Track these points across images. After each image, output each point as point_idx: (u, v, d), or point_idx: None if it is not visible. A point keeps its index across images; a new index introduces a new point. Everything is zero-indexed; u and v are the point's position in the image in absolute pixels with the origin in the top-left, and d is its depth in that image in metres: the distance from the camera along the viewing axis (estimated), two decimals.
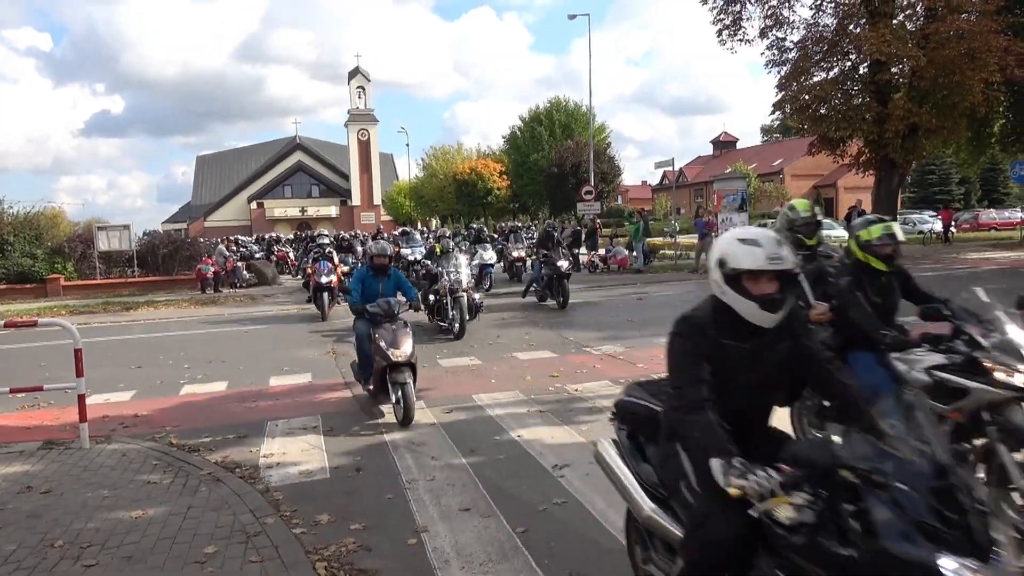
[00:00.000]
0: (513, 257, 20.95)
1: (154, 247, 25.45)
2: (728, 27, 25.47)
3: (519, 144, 55.37)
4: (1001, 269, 18.60)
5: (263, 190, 77.27)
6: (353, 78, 74.54)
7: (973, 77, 20.45)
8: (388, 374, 6.63)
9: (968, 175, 48.59)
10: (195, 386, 8.85)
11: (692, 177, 69.04)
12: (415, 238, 23.64)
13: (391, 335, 6.70)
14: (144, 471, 5.53)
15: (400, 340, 6.66)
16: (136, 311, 17.61)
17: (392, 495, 4.97)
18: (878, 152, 23.47)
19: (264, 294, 21.37)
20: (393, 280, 7.53)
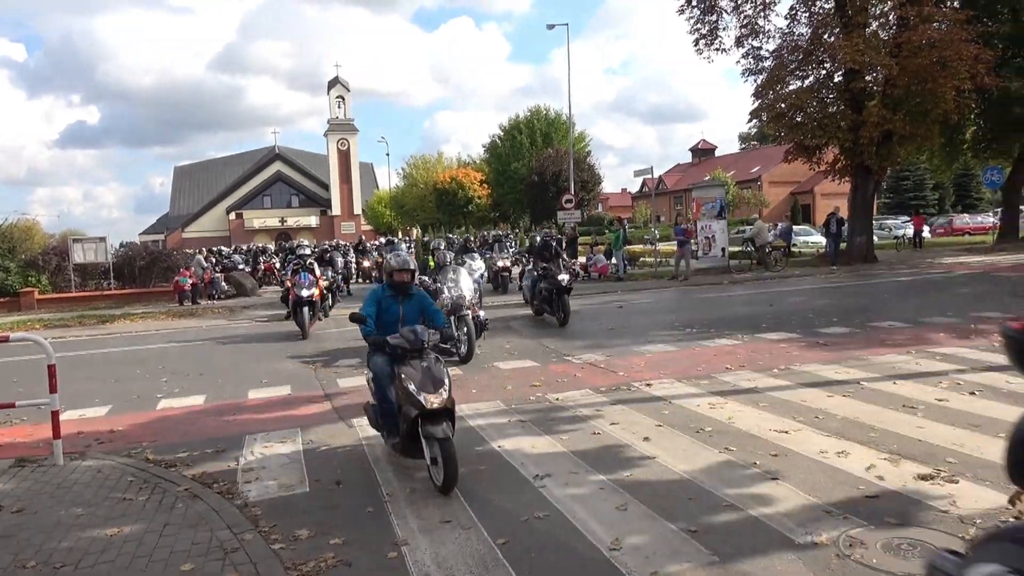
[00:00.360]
0: (499, 267, 20.38)
1: (131, 259, 25.17)
2: (705, 36, 25.71)
3: (499, 153, 55.53)
4: (974, 273, 18.89)
5: (242, 201, 76.82)
6: (333, 88, 74.47)
7: (945, 85, 20.79)
8: (421, 425, 5.17)
9: (942, 181, 49.34)
10: (172, 400, 8.75)
11: (672, 185, 69.51)
12: (400, 248, 23.09)
13: (421, 374, 5.27)
14: (119, 488, 5.45)
15: (434, 381, 5.24)
16: (112, 324, 17.38)
17: (372, 508, 4.94)
18: (853, 159, 23.77)
19: (243, 306, 21.19)
20: (417, 302, 6.06)
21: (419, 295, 6.11)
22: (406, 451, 5.48)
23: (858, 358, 8.95)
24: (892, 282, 18.23)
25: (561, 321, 13.08)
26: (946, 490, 4.67)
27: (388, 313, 5.84)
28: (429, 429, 5.07)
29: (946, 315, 11.86)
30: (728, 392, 7.64)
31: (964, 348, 9.20)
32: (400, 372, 5.34)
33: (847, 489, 4.78)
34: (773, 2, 25.18)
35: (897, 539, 4.02)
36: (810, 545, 4.00)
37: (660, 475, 5.27)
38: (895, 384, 7.57)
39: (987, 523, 4.14)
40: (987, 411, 6.37)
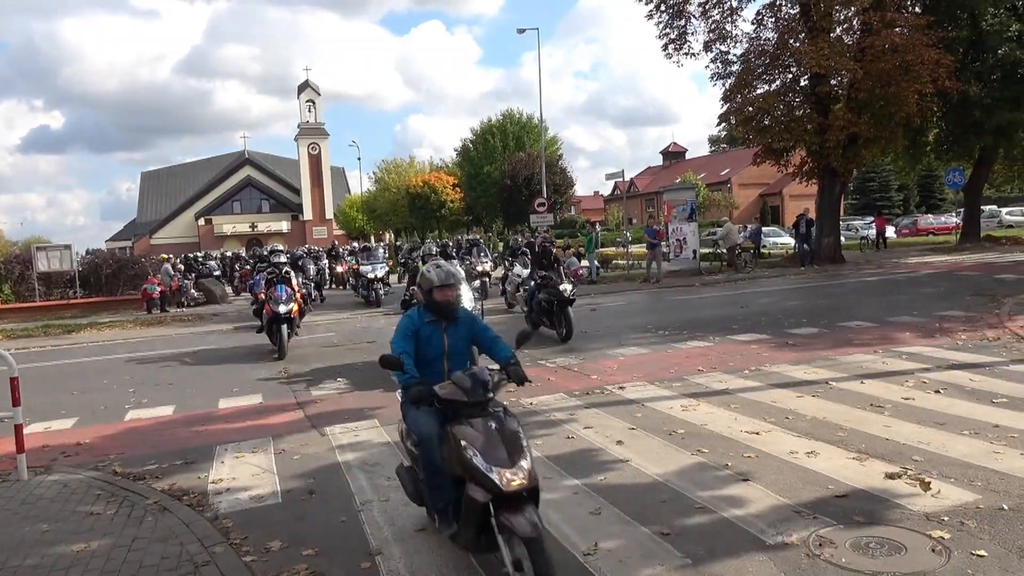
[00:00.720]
0: (478, 272, 19.63)
1: (97, 267, 24.71)
2: (674, 41, 25.98)
3: (472, 157, 55.51)
4: (938, 272, 19.28)
5: (211, 206, 75.88)
6: (303, 92, 73.91)
7: (908, 89, 21.22)
8: (495, 514, 3.47)
9: (906, 182, 50.32)
10: (140, 411, 8.61)
11: (643, 187, 70.04)
12: (377, 254, 21.77)
13: (487, 438, 3.60)
14: (86, 502, 5.35)
15: (510, 448, 3.57)
16: (78, 334, 17.05)
17: (345, 518, 4.90)
18: (820, 161, 24.15)
19: (213, 313, 20.92)
20: (466, 328, 4.38)
21: (467, 319, 4.47)
22: (473, 546, 3.76)
23: (826, 358, 9.09)
24: (859, 282, 18.54)
25: (563, 336, 11.59)
26: (912, 488, 4.76)
27: (429, 346, 4.24)
28: (508, 520, 3.38)
29: (911, 314, 12.09)
30: (700, 394, 7.71)
31: (929, 347, 9.39)
32: (456, 435, 3.64)
33: (816, 489, 4.85)
34: (740, 7, 25.57)
35: (865, 538, 4.08)
36: (781, 545, 4.05)
37: (634, 478, 5.31)
38: (862, 383, 7.71)
39: (952, 520, 4.23)
40: (951, 409, 6.51)
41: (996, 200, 46.02)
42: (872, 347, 9.59)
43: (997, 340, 9.60)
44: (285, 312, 11.68)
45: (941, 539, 4.00)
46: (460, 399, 3.77)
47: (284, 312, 11.67)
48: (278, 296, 11.77)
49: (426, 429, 3.91)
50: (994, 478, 4.84)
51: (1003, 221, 40.37)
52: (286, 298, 11.79)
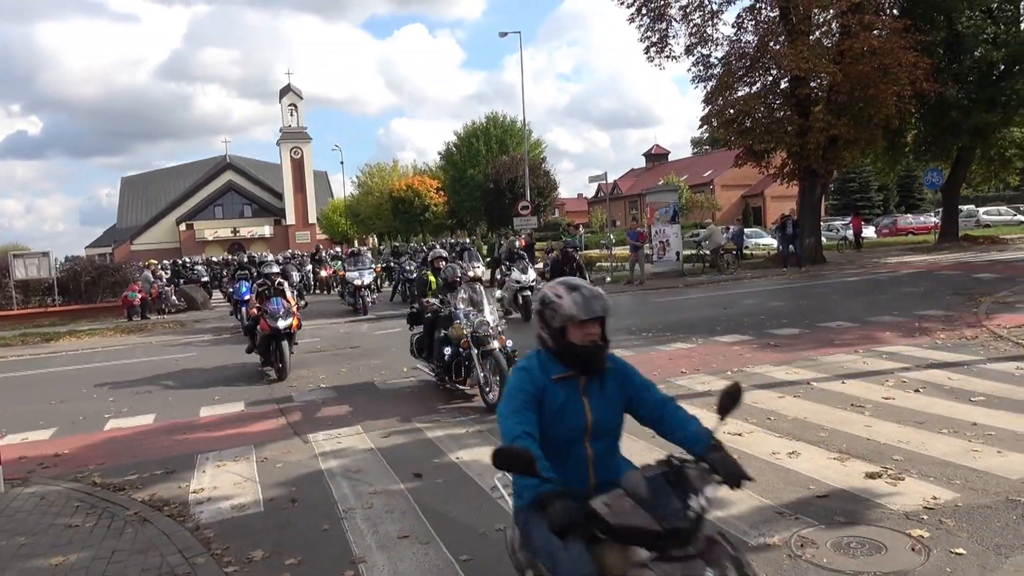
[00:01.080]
0: (470, 278, 19.23)
1: (76, 274, 24.38)
2: (655, 44, 26.09)
3: (455, 160, 55.51)
4: (918, 272, 19.50)
5: (192, 211, 75.34)
6: (285, 96, 73.56)
7: (886, 91, 21.47)
8: None
9: (886, 183, 50.82)
10: (121, 420, 8.51)
11: (626, 189, 70.30)
12: (364, 260, 20.86)
13: None
14: (65, 514, 5.28)
15: None
16: (57, 342, 16.85)
17: (328, 526, 4.87)
18: (801, 163, 24.35)
19: (194, 319, 20.74)
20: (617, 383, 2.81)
21: (620, 369, 2.82)
22: None
23: (808, 358, 9.17)
24: (840, 282, 18.71)
25: None
26: (892, 487, 4.80)
27: (564, 420, 2.64)
28: None
29: (892, 314, 12.21)
30: (683, 396, 7.74)
31: (909, 346, 9.49)
32: None
33: (798, 489, 4.88)
34: (720, 11, 25.72)
35: (847, 538, 4.12)
36: (763, 547, 4.08)
37: None
38: (844, 384, 7.77)
39: (931, 519, 4.27)
40: (931, 408, 6.58)
41: (974, 200, 46.61)
42: (853, 347, 9.67)
43: (975, 339, 9.72)
44: (285, 327, 10.29)
45: (921, 538, 4.03)
46: (646, 527, 2.15)
47: (284, 327, 10.28)
48: (275, 310, 10.33)
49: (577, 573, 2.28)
50: (972, 476, 4.89)
51: (981, 220, 40.91)
52: (284, 312, 10.38)
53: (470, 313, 8.04)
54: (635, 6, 25.66)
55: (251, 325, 11.25)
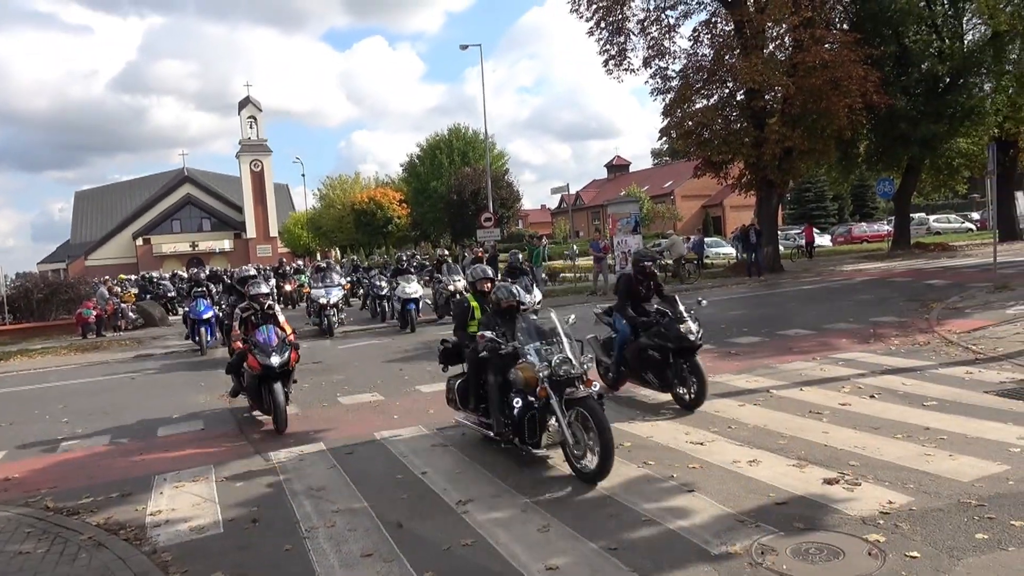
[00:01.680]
0: (451, 291, 17.01)
1: (28, 291, 23.71)
2: (614, 57, 26.44)
3: (419, 172, 55.39)
4: (872, 279, 19.98)
5: (149, 226, 73.84)
6: (244, 108, 72.64)
7: (838, 103, 22.04)
8: None
9: (840, 192, 52.07)
10: (74, 442, 8.28)
11: (589, 200, 70.84)
12: (332, 276, 18.73)
13: None
14: (16, 540, 5.12)
15: None
16: (7, 362, 16.33)
17: (290, 546, 4.80)
18: (758, 173, 24.84)
19: (152, 336, 20.30)
20: None
21: None
22: None
23: (767, 366, 9.33)
24: (797, 291, 19.08)
25: (692, 399, 7.47)
26: (849, 493, 4.91)
27: None
28: None
29: (847, 321, 12.49)
30: (646, 407, 7.81)
31: (864, 353, 9.71)
32: None
33: (758, 497, 4.96)
34: (677, 24, 26.18)
35: (805, 544, 4.19)
36: (725, 555, 4.13)
37: (581, 493, 5.34)
38: (802, 391, 7.92)
39: (887, 523, 4.37)
40: (885, 413, 6.74)
41: (924, 208, 47.98)
42: (811, 354, 9.87)
43: (927, 344, 9.99)
44: (281, 364, 8.01)
45: (877, 542, 4.12)
46: None
47: (279, 365, 7.99)
48: (267, 343, 8.08)
49: None
50: (925, 480, 5.02)
51: (931, 228, 42.13)
52: (278, 344, 8.13)
53: (541, 349, 5.94)
54: (594, 20, 26.01)
55: (236, 362, 8.88)
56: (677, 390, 7.60)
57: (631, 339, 8.00)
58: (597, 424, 5.41)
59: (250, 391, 8.44)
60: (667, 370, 7.55)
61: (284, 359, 8.04)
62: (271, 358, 7.95)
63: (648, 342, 7.72)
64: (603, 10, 25.76)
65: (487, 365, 6.39)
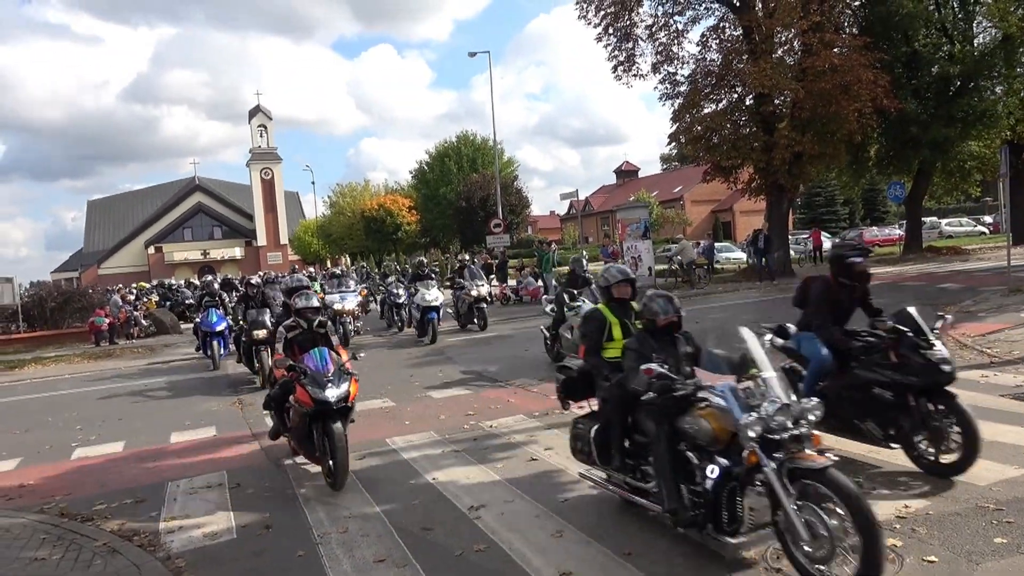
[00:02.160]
0: (474, 297, 16.47)
1: (41, 300, 23.92)
2: (623, 63, 26.44)
3: (428, 179, 55.54)
4: (884, 283, 19.85)
5: (161, 234, 74.30)
6: (254, 116, 73.07)
7: (848, 107, 21.96)
8: None
9: (851, 196, 51.80)
10: (88, 448, 8.33)
11: (598, 206, 70.79)
12: (347, 282, 18.26)
13: None
14: (31, 547, 5.14)
15: None
16: (22, 370, 16.48)
17: (303, 552, 4.80)
18: (767, 178, 24.75)
19: (164, 344, 20.41)
20: None
21: None
22: None
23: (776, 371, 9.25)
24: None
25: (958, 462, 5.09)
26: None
27: None
28: None
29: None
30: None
31: None
32: None
33: None
34: (686, 30, 26.17)
35: None
36: (740, 561, 4.10)
37: (595, 499, 5.31)
38: None
39: (904, 527, 4.33)
40: None
41: (936, 211, 47.72)
42: None
43: None
44: (339, 399, 6.17)
45: (894, 547, 4.08)
46: None
47: (338, 399, 6.16)
48: (320, 371, 6.25)
49: None
50: (942, 484, 4.97)
51: (943, 232, 41.87)
52: (335, 373, 6.27)
53: (738, 391, 4.15)
54: (602, 26, 26.03)
55: (278, 394, 6.92)
56: (920, 445, 5.30)
57: (833, 371, 5.85)
58: (855, 514, 3.55)
59: (297, 433, 6.53)
60: (901, 416, 5.33)
61: (343, 392, 6.21)
62: (327, 390, 6.12)
63: (871, 375, 5.58)
64: (611, 16, 25.78)
65: (644, 409, 4.62)
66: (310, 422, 6.27)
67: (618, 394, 4.81)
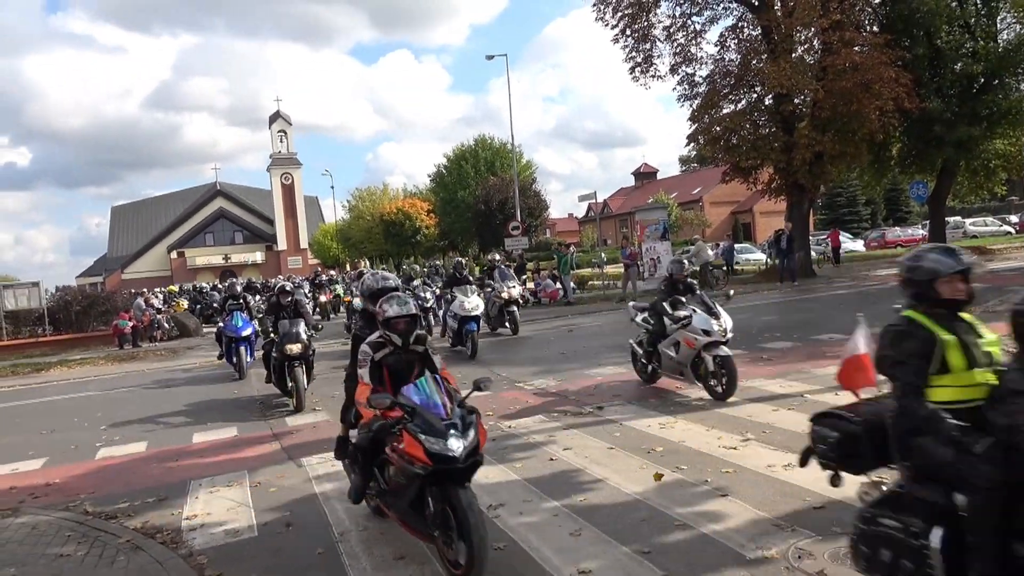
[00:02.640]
0: (505, 299, 15.50)
1: (67, 303, 24.30)
2: (640, 65, 26.36)
3: (446, 182, 55.70)
4: None
5: (183, 239, 75.18)
6: (274, 122, 73.78)
7: (869, 106, 21.72)
8: None
9: (873, 196, 51.25)
10: (112, 448, 8.44)
11: (616, 208, 70.59)
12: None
13: None
14: (56, 544, 5.22)
15: None
16: (48, 372, 16.73)
17: (323, 549, 4.83)
18: (787, 178, 24.54)
19: (187, 346, 20.63)
20: None
21: None
22: None
23: (801, 371, 9.19)
24: (831, 295, 18.79)
25: None
26: None
27: None
28: None
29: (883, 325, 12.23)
30: (678, 411, 7.74)
31: None
32: None
33: (795, 502, 4.88)
34: (704, 30, 26.05)
35: (844, 548, 4.09)
36: (760, 560, 4.07)
37: (613, 498, 5.30)
38: (837, 395, 7.74)
39: None
40: None
41: (960, 211, 47.02)
42: None
43: None
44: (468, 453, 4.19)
45: None
46: None
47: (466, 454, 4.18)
48: (432, 409, 4.35)
49: None
50: None
51: (968, 232, 41.23)
52: (450, 411, 4.40)
53: None
54: (619, 27, 25.98)
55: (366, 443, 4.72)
56: None
57: None
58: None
59: (400, 500, 4.41)
60: None
61: (471, 443, 4.18)
62: (449, 440, 4.09)
63: None
64: (628, 18, 25.71)
65: None
66: (421, 485, 4.21)
67: (1000, 478, 2.75)
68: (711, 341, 8.14)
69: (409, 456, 4.14)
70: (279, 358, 9.96)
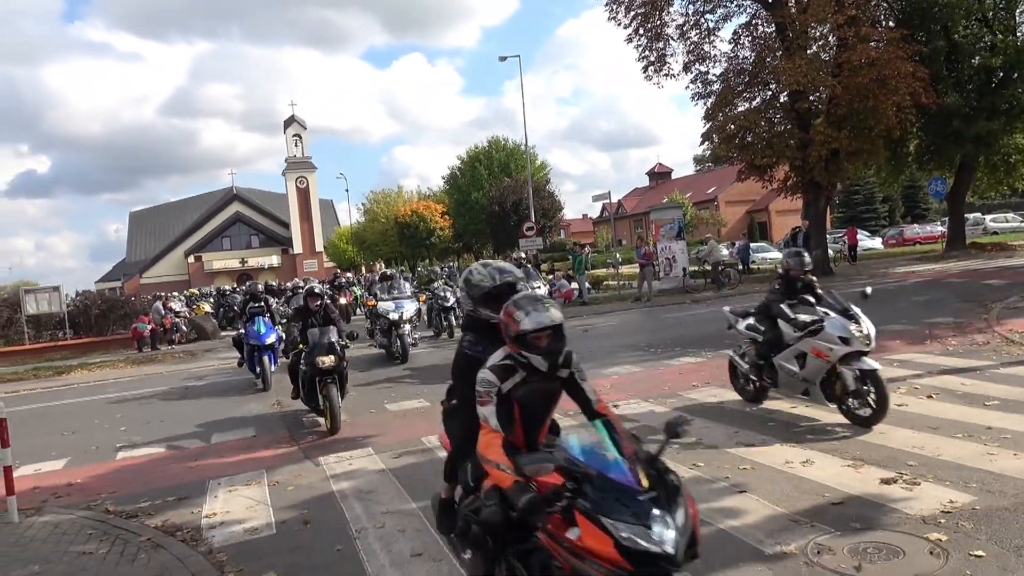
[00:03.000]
0: None
1: (86, 308, 24.57)
2: (653, 64, 26.29)
3: (460, 184, 55.77)
4: (926, 281, 19.42)
5: (200, 243, 75.82)
6: (289, 126, 74.25)
7: (885, 102, 21.51)
8: None
9: (890, 193, 50.80)
10: (132, 449, 8.52)
11: (631, 208, 70.40)
12: (403, 286, 15.88)
13: None
14: (79, 542, 5.28)
15: None
16: (69, 375, 16.92)
17: (341, 546, 4.86)
18: (804, 176, 24.36)
19: (205, 349, 20.80)
20: None
21: None
22: None
23: None
24: (848, 293, 18.56)
25: None
26: (908, 492, 4.76)
27: None
28: None
29: (901, 323, 12.13)
30: (694, 409, 7.71)
31: (919, 354, 9.43)
32: None
33: (813, 497, 4.84)
34: (717, 28, 25.94)
35: (863, 543, 4.08)
36: (779, 555, 4.04)
37: None
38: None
39: (949, 522, 4.23)
40: (944, 413, 6.53)
41: (980, 207, 46.47)
42: None
43: (987, 344, 9.65)
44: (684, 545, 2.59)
45: (939, 541, 3.99)
46: None
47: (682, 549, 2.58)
48: (619, 477, 2.72)
49: None
50: (989, 479, 4.85)
51: (988, 228, 40.75)
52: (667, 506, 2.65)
53: None
54: (632, 27, 25.93)
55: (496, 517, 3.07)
56: None
57: None
58: None
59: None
60: None
61: (686, 528, 2.66)
62: (653, 528, 2.60)
63: None
64: (641, 16, 25.66)
65: None
66: None
67: None
68: (851, 351, 6.49)
69: (589, 552, 2.64)
70: (309, 371, 8.61)
